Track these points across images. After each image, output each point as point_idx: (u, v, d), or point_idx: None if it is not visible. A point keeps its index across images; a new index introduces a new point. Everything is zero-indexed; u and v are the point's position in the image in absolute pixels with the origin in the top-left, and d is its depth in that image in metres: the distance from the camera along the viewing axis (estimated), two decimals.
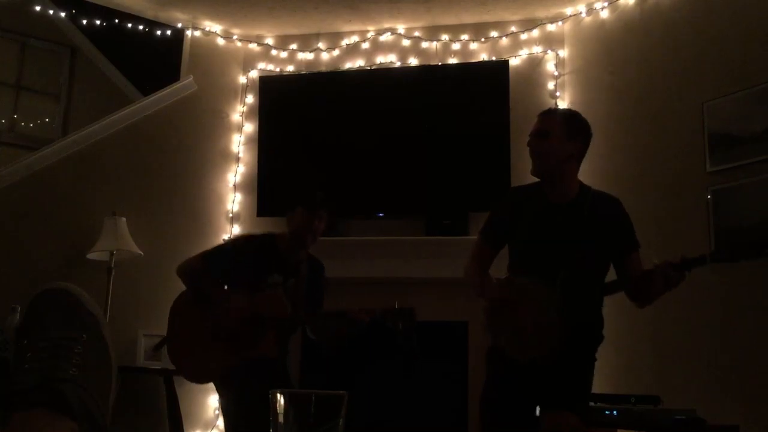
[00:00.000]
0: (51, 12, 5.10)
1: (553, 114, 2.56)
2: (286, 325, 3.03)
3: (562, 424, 2.22)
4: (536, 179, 2.52)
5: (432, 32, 4.88)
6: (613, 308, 2.65)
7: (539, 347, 2.25)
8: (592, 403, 3.17)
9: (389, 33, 4.92)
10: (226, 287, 2.97)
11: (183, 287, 3.02)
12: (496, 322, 2.38)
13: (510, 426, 2.31)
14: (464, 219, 4.45)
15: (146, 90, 5.12)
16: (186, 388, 4.16)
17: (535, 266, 2.41)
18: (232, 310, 2.86)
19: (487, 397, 2.48)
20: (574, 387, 2.31)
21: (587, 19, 4.57)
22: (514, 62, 4.67)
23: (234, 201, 4.85)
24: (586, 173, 2.62)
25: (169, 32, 5.00)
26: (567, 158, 2.42)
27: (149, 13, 4.91)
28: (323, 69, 4.98)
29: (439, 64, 4.79)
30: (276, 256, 2.99)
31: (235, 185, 4.89)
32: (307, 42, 5.06)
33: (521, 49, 4.71)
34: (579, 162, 2.50)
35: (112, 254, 4.22)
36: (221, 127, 4.98)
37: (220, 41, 5.06)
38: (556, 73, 4.60)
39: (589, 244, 2.37)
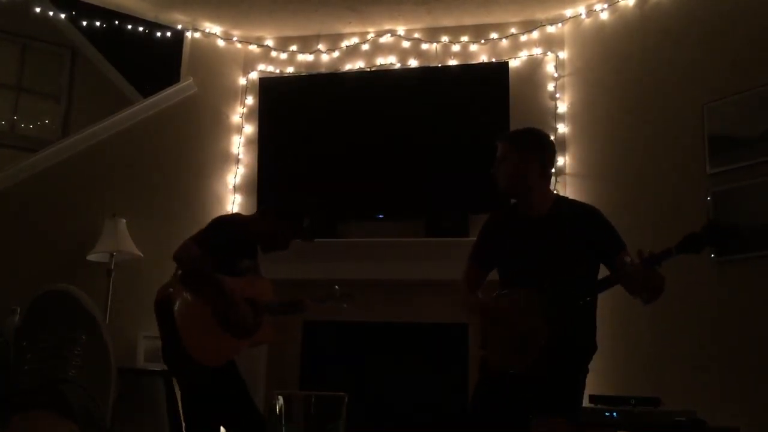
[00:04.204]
0: (51, 13, 5.10)
1: (505, 138, 2.64)
2: (274, 311, 3.21)
3: (555, 430, 2.22)
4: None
5: (432, 34, 4.88)
6: (613, 310, 2.65)
7: (526, 357, 2.29)
8: (591, 405, 3.17)
9: (389, 34, 4.92)
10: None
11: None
12: (486, 335, 2.47)
13: None
14: (464, 220, 4.45)
15: (146, 91, 5.12)
16: None
17: (519, 280, 2.46)
18: (236, 295, 2.93)
19: (475, 406, 2.51)
20: (565, 394, 2.31)
21: (587, 21, 4.57)
22: (514, 64, 4.67)
23: (234, 203, 4.85)
24: (587, 175, 2.63)
25: (169, 34, 5.00)
26: (525, 176, 2.52)
27: (149, 15, 4.91)
28: (323, 70, 4.98)
29: (439, 65, 4.79)
30: (248, 241, 3.15)
31: (235, 187, 4.88)
32: (307, 43, 5.06)
33: (521, 50, 4.71)
34: (543, 176, 2.56)
35: (112, 256, 4.22)
36: (221, 128, 4.98)
37: (221, 43, 5.07)
38: (555, 75, 4.60)
39: (569, 252, 2.38)
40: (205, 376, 2.94)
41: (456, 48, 4.80)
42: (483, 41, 4.77)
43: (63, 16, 5.15)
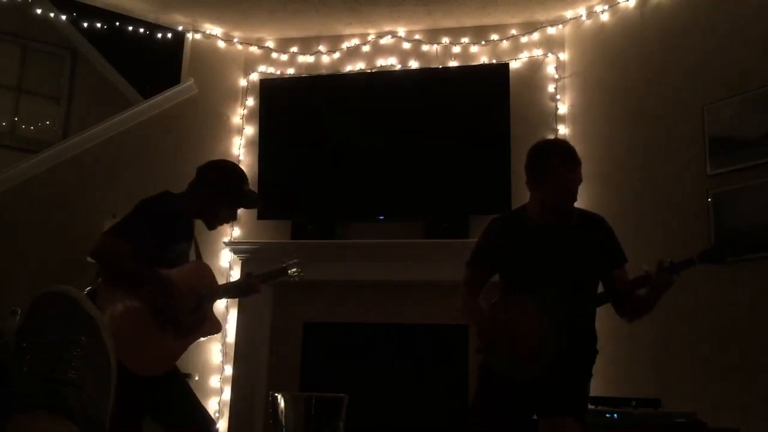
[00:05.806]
0: (52, 15, 5.11)
1: (579, 160, 2.49)
2: (222, 296, 2.97)
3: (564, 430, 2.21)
4: (506, 207, 2.60)
5: (432, 35, 4.89)
6: (614, 312, 2.64)
7: (535, 365, 2.27)
8: (592, 407, 3.17)
9: (390, 36, 4.92)
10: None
11: None
12: (491, 343, 2.38)
13: None
14: (464, 222, 4.45)
15: (147, 93, 5.13)
16: None
17: (528, 286, 2.42)
18: (184, 290, 2.61)
19: (481, 411, 2.46)
20: (573, 396, 2.30)
21: (587, 23, 4.57)
22: (514, 65, 4.67)
23: None
24: (587, 177, 2.62)
25: (170, 35, 5.01)
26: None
27: (150, 16, 4.92)
28: (324, 72, 4.98)
29: (440, 66, 4.80)
30: (180, 222, 2.79)
31: None
32: (307, 45, 5.06)
33: (521, 52, 4.71)
34: None
35: None
36: (222, 129, 4.98)
37: (221, 44, 5.07)
38: (556, 76, 4.60)
39: (579, 259, 2.39)
40: (137, 386, 2.49)
41: (456, 49, 4.80)
42: (483, 42, 4.77)
43: (63, 17, 5.16)
